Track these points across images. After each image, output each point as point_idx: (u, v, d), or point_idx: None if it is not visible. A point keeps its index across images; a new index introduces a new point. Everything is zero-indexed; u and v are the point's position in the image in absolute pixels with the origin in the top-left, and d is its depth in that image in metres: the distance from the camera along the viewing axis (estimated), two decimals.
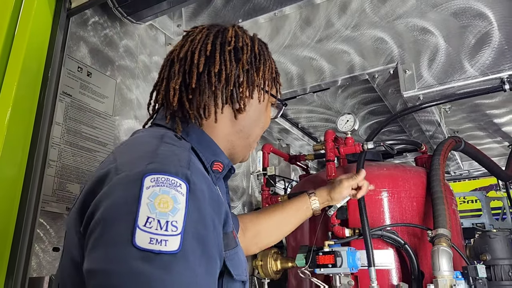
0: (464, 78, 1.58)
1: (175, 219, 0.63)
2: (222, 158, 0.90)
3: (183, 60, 0.91)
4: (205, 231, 0.68)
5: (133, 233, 0.60)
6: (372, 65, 1.76)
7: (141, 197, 0.63)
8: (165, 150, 0.74)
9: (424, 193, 1.62)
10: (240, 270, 0.82)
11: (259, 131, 1.02)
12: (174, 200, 0.64)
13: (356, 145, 1.62)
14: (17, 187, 1.15)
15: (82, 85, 1.45)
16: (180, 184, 0.67)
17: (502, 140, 2.37)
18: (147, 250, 0.60)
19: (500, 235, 1.87)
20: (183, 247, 0.62)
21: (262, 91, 0.97)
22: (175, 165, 0.70)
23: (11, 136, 1.15)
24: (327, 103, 2.24)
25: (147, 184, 0.65)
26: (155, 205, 0.63)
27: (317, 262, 1.41)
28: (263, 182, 1.78)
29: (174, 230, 0.62)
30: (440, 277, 1.26)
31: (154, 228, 0.61)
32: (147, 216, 0.62)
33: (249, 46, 0.95)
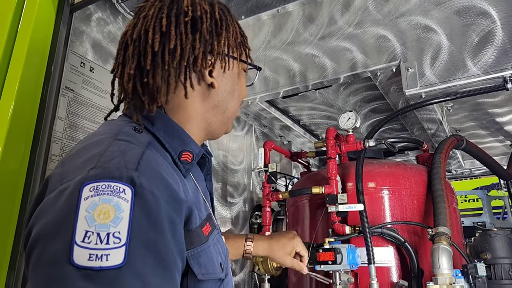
0: (467, 77, 1.57)
1: (118, 229, 0.58)
2: (191, 147, 0.83)
3: (137, 41, 0.82)
4: (159, 235, 0.62)
5: (70, 250, 0.56)
6: (374, 62, 1.75)
7: (79, 209, 0.58)
8: (113, 151, 0.68)
9: (425, 191, 1.62)
10: (210, 269, 0.76)
11: (236, 102, 0.95)
12: (116, 208, 0.59)
13: (357, 143, 1.62)
14: (19, 181, 1.16)
15: (84, 80, 1.46)
16: (123, 190, 0.61)
17: (504, 139, 2.37)
18: (86, 267, 0.55)
19: (501, 234, 1.88)
20: (129, 259, 0.57)
21: (227, 59, 0.89)
22: (120, 167, 0.64)
23: (14, 131, 1.16)
24: (329, 100, 2.24)
25: (85, 194, 0.60)
26: (94, 217, 0.58)
27: (317, 259, 1.42)
28: (264, 179, 1.78)
29: (117, 242, 0.57)
30: (440, 275, 1.27)
31: (94, 243, 0.56)
32: (85, 230, 0.57)
33: (209, 13, 0.87)
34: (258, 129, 2.54)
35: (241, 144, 2.35)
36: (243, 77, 0.99)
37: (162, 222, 0.63)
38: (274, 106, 2.32)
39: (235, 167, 2.26)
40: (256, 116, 2.37)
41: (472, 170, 2.87)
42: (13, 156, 1.15)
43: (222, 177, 2.12)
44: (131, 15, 1.63)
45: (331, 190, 1.54)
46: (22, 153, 1.18)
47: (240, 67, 0.96)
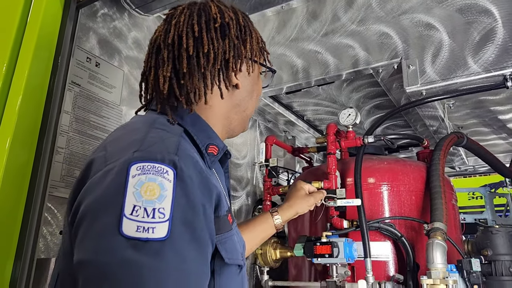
0: (467, 75, 1.59)
1: (162, 206, 0.64)
2: (217, 142, 0.90)
3: (171, 46, 0.89)
4: (194, 216, 0.68)
5: (120, 222, 0.61)
6: (376, 59, 1.77)
7: (127, 186, 0.64)
8: (153, 137, 0.74)
9: (424, 187, 1.64)
10: (234, 254, 0.81)
11: (254, 102, 1.03)
12: (161, 187, 0.65)
13: (356, 139, 1.65)
14: (26, 172, 1.20)
15: (90, 75, 1.50)
16: (167, 171, 0.67)
17: (507, 136, 2.37)
18: (134, 238, 0.61)
19: (502, 231, 1.89)
20: (171, 234, 0.63)
21: (250, 62, 0.96)
22: (162, 151, 0.70)
23: (22, 124, 1.20)
24: (332, 96, 2.26)
25: (133, 172, 0.65)
26: (141, 193, 0.64)
27: (315, 252, 1.45)
28: (265, 173, 1.81)
29: (162, 217, 0.63)
30: (434, 269, 1.29)
31: (141, 216, 0.62)
32: (134, 204, 0.63)
33: (234, 20, 0.94)
34: (262, 124, 2.57)
35: (245, 139, 2.38)
36: (260, 79, 1.06)
37: (198, 204, 0.69)
38: (278, 102, 2.35)
39: (238, 161, 2.29)
40: (260, 111, 2.40)
41: (476, 167, 2.87)
42: (21, 148, 1.20)
43: None
44: (136, 11, 1.66)
45: (330, 185, 1.57)
46: (30, 145, 1.22)
47: (259, 70, 1.03)
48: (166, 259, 0.61)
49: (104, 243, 0.61)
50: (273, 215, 1.37)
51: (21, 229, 1.16)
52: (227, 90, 0.93)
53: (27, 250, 1.14)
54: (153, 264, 0.60)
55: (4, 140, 1.18)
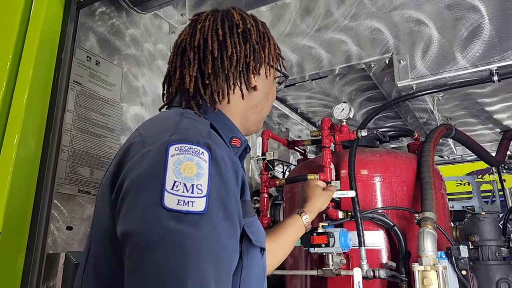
0: (456, 69, 1.65)
1: (200, 182, 0.69)
2: (239, 135, 0.97)
3: (197, 48, 0.95)
4: (227, 195, 0.73)
5: (161, 196, 0.67)
6: (368, 55, 1.82)
7: (167, 164, 0.70)
8: (187, 123, 0.81)
9: (414, 178, 1.71)
10: (259, 237, 0.86)
11: (270, 103, 1.10)
12: (198, 166, 0.70)
13: (350, 133, 1.71)
14: (34, 170, 1.25)
15: (91, 73, 1.53)
16: (202, 152, 0.73)
17: (493, 126, 2.45)
18: (176, 210, 0.66)
19: (489, 218, 1.97)
20: (208, 208, 0.68)
21: (268, 67, 1.03)
22: (196, 135, 0.76)
23: (28, 123, 1.24)
24: (325, 89, 2.31)
25: (172, 152, 0.71)
26: (181, 171, 0.69)
27: (312, 242, 1.51)
28: (262, 167, 1.87)
29: (200, 193, 0.68)
30: (424, 257, 1.37)
31: (181, 191, 0.68)
32: (174, 180, 0.68)
33: (255, 27, 1.01)
34: None
35: None
36: (275, 82, 1.13)
37: (229, 185, 0.75)
38: None
39: None
40: None
41: (463, 156, 2.96)
42: (28, 147, 1.24)
43: None
44: (134, 9, 1.69)
45: (325, 178, 1.63)
46: (36, 145, 1.26)
47: (274, 74, 1.10)
48: (205, 231, 0.67)
49: (148, 215, 0.67)
50: (301, 215, 1.41)
51: (31, 225, 1.20)
52: (247, 91, 1.00)
53: (37, 245, 1.19)
54: (193, 233, 0.66)
55: (11, 139, 1.22)
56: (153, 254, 0.64)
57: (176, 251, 0.64)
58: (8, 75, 1.30)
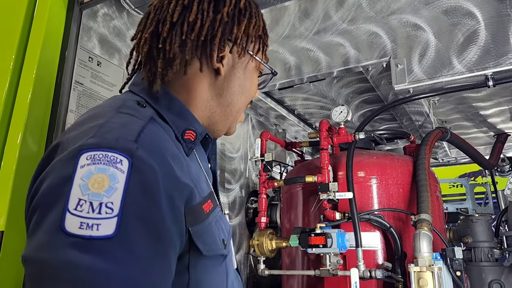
0: (452, 74, 1.68)
1: (111, 200, 0.58)
2: (195, 126, 0.84)
3: (159, 9, 0.85)
4: (155, 209, 0.62)
5: (62, 217, 0.57)
6: (366, 58, 1.85)
7: (74, 177, 0.59)
8: (115, 122, 0.69)
9: (410, 180, 1.74)
10: (213, 245, 0.77)
11: (244, 99, 0.93)
12: (111, 178, 0.59)
13: (348, 135, 1.73)
14: None
15: (92, 74, 1.54)
16: (120, 160, 0.61)
17: (487, 130, 2.49)
18: (76, 235, 0.56)
19: (482, 220, 2.01)
20: (120, 230, 0.57)
21: (241, 48, 0.88)
22: (119, 138, 0.64)
23: (31, 123, 1.25)
24: (322, 92, 2.34)
25: (82, 162, 0.60)
26: (88, 186, 0.58)
27: (309, 243, 1.54)
28: (260, 168, 1.89)
29: (109, 212, 0.58)
30: (420, 258, 1.40)
31: (86, 212, 0.57)
32: (79, 198, 0.58)
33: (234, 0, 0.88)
34: (254, 118, 2.64)
35: (238, 133, 2.45)
36: (256, 76, 0.98)
37: (160, 197, 0.63)
38: (270, 97, 2.42)
39: (232, 154, 2.36)
40: (252, 106, 2.46)
41: (458, 159, 3.00)
42: (32, 147, 1.25)
43: (220, 164, 2.23)
44: (136, 11, 1.70)
45: (323, 179, 1.65)
46: (39, 145, 1.27)
47: (255, 66, 0.95)
48: (111, 259, 0.56)
49: (45, 241, 0.57)
50: None
51: None
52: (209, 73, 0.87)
53: None
54: (94, 265, 0.55)
55: (15, 138, 1.23)
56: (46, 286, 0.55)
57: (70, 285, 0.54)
58: (11, 75, 1.31)
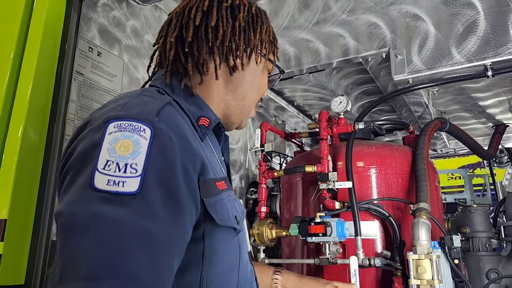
0: (451, 64, 1.69)
1: (135, 161, 0.66)
2: (208, 114, 0.92)
3: (180, 15, 0.93)
4: (172, 175, 0.69)
5: (92, 176, 0.64)
6: (365, 49, 1.85)
7: (103, 142, 0.67)
8: (137, 101, 0.77)
9: (409, 170, 1.75)
10: (225, 216, 0.83)
11: (255, 95, 1.02)
12: (135, 144, 0.67)
13: (347, 125, 1.74)
14: (38, 159, 1.26)
15: (93, 64, 1.54)
16: (144, 129, 0.69)
17: (486, 121, 2.50)
18: (104, 191, 0.63)
19: (480, 210, 2.03)
20: (143, 188, 0.65)
21: (258, 53, 0.98)
22: (142, 111, 0.73)
23: (32, 113, 1.26)
24: (322, 83, 2.34)
25: (110, 130, 0.68)
26: (115, 149, 0.66)
27: (309, 231, 1.55)
28: (260, 158, 1.90)
29: (133, 172, 0.65)
30: (419, 246, 1.41)
31: (113, 171, 0.64)
32: (106, 159, 0.65)
33: (246, 6, 0.96)
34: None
35: None
36: (266, 75, 1.06)
37: (176, 165, 0.70)
38: (270, 88, 2.42)
39: (232, 146, 2.37)
40: None
41: (456, 150, 3.01)
42: (33, 136, 1.25)
43: None
44: (135, 1, 1.70)
45: (323, 169, 1.66)
46: (40, 133, 1.28)
47: (265, 65, 1.03)
48: (134, 213, 0.63)
49: (77, 197, 0.65)
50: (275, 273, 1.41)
51: (35, 213, 1.22)
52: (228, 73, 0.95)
53: (42, 233, 1.21)
54: (120, 216, 0.62)
55: (17, 128, 1.24)
56: (76, 237, 0.62)
57: (98, 235, 0.61)
58: (12, 65, 1.32)
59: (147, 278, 0.62)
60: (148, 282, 0.62)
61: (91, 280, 0.59)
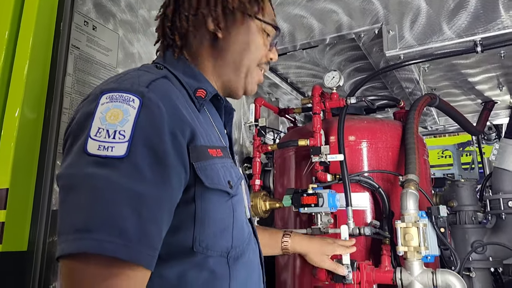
0: (442, 40, 1.72)
1: (123, 128, 0.72)
2: (205, 86, 0.96)
3: None
4: (159, 140, 0.74)
5: (85, 142, 0.71)
6: (358, 25, 1.88)
7: (95, 112, 0.74)
8: (131, 75, 0.83)
9: (399, 144, 1.80)
10: (215, 180, 0.85)
11: (249, 58, 1.01)
12: (124, 112, 0.73)
13: (340, 100, 1.78)
14: (37, 132, 1.29)
15: (88, 38, 1.55)
16: (133, 99, 0.75)
17: (475, 97, 2.55)
18: (95, 155, 0.70)
19: (467, 184, 2.09)
20: (130, 153, 0.70)
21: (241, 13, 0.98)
22: (133, 83, 0.78)
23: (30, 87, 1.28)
24: (315, 59, 2.36)
25: (102, 101, 0.75)
26: (106, 118, 0.73)
27: (302, 202, 1.60)
28: (254, 132, 1.93)
29: (121, 138, 0.71)
30: (407, 215, 1.47)
31: (103, 137, 0.71)
32: (98, 127, 0.72)
33: None
34: None
35: (231, 101, 2.47)
36: (262, 36, 1.03)
37: (163, 131, 0.75)
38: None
39: None
40: None
41: (446, 127, 3.07)
42: (31, 110, 1.28)
43: None
44: None
45: (316, 143, 1.71)
46: (38, 107, 1.30)
47: (259, 26, 1.02)
48: (122, 175, 0.69)
49: (73, 161, 0.72)
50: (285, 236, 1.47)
51: (36, 184, 1.26)
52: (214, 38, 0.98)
53: (43, 202, 1.25)
54: (109, 177, 0.69)
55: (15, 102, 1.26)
56: (72, 194, 0.69)
57: (90, 192, 0.68)
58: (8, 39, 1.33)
59: (135, 235, 0.68)
60: (137, 239, 0.68)
61: (85, 232, 0.66)
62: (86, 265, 0.67)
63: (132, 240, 0.68)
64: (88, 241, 0.66)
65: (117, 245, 0.66)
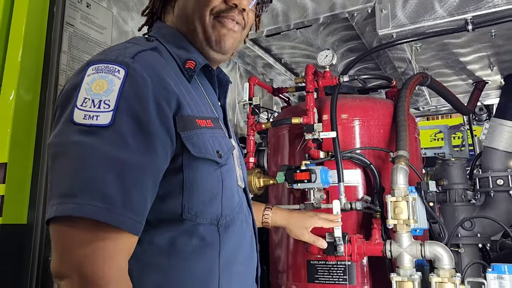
0: (433, 18, 1.74)
1: (108, 98, 0.75)
2: (195, 57, 0.97)
3: None
4: (143, 110, 0.77)
5: (72, 112, 0.74)
6: (352, 4, 1.89)
7: (82, 83, 0.77)
8: (118, 47, 0.86)
9: (391, 122, 1.83)
10: (203, 149, 0.86)
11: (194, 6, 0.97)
12: (109, 83, 0.76)
13: (333, 78, 1.80)
14: (34, 108, 1.31)
15: (82, 15, 1.56)
16: (118, 70, 0.77)
17: (467, 77, 2.58)
18: (81, 124, 0.73)
19: (457, 163, 2.14)
20: (115, 121, 0.73)
21: None
22: (118, 55, 0.81)
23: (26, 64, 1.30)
24: (309, 39, 2.38)
25: (88, 72, 0.78)
26: (92, 88, 0.76)
27: (295, 178, 1.63)
28: (248, 111, 1.96)
29: (106, 108, 0.74)
30: (397, 189, 1.51)
31: (89, 107, 0.74)
32: (84, 97, 0.75)
33: None
34: (242, 67, 2.68)
35: None
36: None
37: (148, 101, 0.77)
38: (258, 45, 2.45)
39: None
40: (240, 54, 2.50)
41: (438, 107, 3.10)
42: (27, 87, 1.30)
43: None
44: None
45: (309, 121, 1.73)
46: (34, 84, 1.32)
47: None
48: (107, 142, 0.72)
49: (60, 130, 0.75)
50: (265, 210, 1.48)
51: (34, 157, 1.28)
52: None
53: (41, 176, 1.27)
54: (94, 144, 0.72)
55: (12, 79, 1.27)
56: (59, 161, 0.73)
57: (75, 159, 0.72)
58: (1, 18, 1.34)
59: (118, 200, 0.71)
60: (120, 203, 0.71)
61: (69, 197, 0.70)
62: (73, 228, 0.70)
63: (114, 204, 0.70)
64: (71, 205, 0.69)
65: (99, 209, 0.69)
